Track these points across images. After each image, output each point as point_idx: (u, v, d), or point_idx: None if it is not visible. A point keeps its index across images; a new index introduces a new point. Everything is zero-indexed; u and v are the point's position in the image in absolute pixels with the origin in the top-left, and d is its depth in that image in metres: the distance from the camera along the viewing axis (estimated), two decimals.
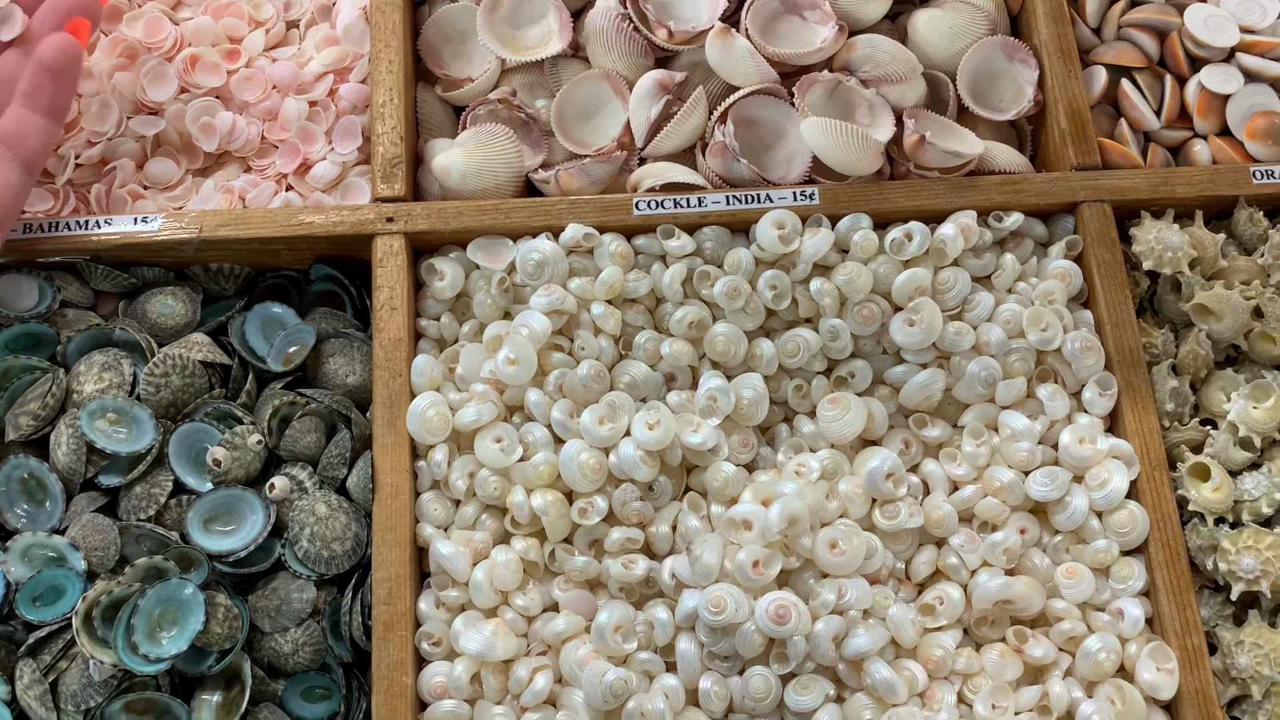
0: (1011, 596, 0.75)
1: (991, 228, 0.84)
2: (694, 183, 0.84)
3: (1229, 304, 0.81)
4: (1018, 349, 0.81)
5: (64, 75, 0.72)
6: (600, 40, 0.88)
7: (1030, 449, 0.79)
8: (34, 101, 0.72)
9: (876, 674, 0.73)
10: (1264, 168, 0.86)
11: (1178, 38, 0.91)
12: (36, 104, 0.72)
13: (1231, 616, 0.78)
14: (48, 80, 0.71)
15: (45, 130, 0.73)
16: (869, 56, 0.87)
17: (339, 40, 0.91)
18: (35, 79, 0.71)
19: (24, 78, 0.72)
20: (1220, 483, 0.78)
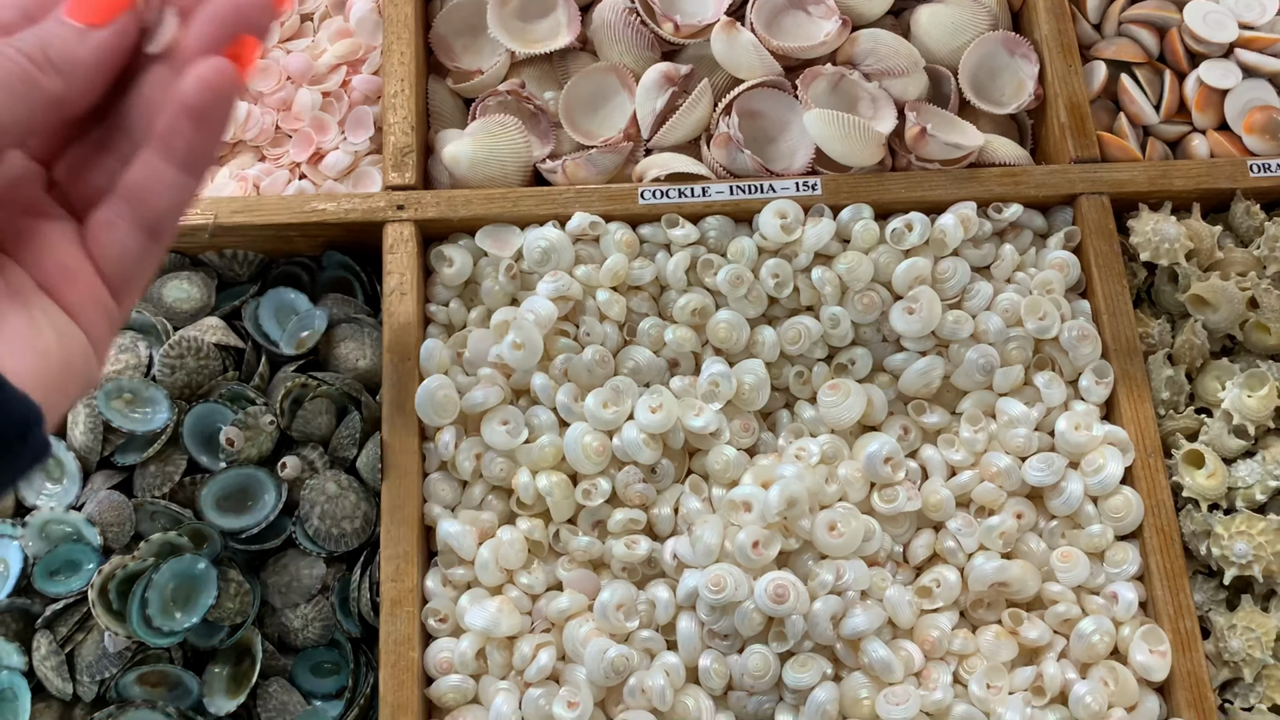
0: (1007, 579, 0.77)
1: (991, 219, 0.85)
2: (698, 173, 0.86)
3: (1225, 295, 0.83)
4: (1016, 337, 0.82)
5: (209, 119, 0.49)
6: (608, 34, 0.90)
7: (1027, 435, 0.80)
8: (168, 148, 0.50)
9: (873, 653, 0.74)
10: (1261, 161, 0.87)
11: (1177, 34, 0.92)
12: (171, 152, 0.50)
13: (1225, 601, 0.79)
14: (187, 123, 0.48)
15: (177, 187, 0.50)
16: (872, 51, 0.89)
17: (352, 33, 0.93)
18: (173, 120, 0.49)
19: (163, 114, 0.50)
20: (1214, 470, 0.79)
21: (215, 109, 0.46)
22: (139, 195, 0.48)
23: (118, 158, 0.47)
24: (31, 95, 0.43)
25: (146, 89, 0.47)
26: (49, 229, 0.47)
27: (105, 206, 0.47)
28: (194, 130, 0.46)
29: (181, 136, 0.46)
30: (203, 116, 0.46)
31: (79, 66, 0.44)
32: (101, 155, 0.48)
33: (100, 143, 0.48)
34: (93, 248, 0.47)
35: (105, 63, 0.45)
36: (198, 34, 0.46)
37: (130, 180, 0.47)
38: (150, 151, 0.47)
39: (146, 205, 0.48)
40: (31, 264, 0.46)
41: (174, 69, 0.46)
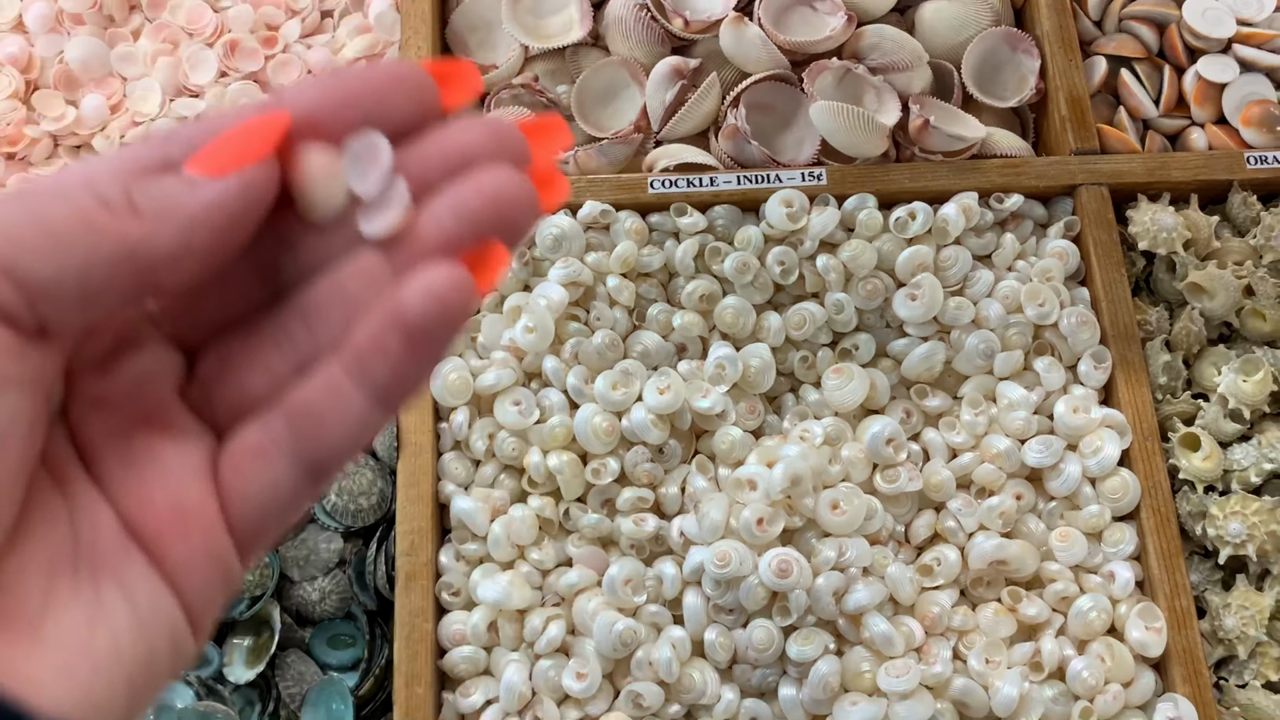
0: (1006, 557, 0.78)
1: (992, 209, 0.88)
2: (707, 163, 0.88)
3: (1221, 283, 0.84)
4: (1016, 323, 0.84)
5: (427, 344, 0.34)
6: (619, 29, 0.92)
7: (1026, 418, 0.82)
8: (363, 370, 0.35)
9: (875, 627, 0.76)
10: (1258, 153, 0.89)
11: (1176, 29, 0.94)
12: (365, 375, 0.35)
13: (1220, 581, 0.81)
14: (397, 344, 0.34)
15: (362, 421, 0.35)
16: (877, 45, 0.91)
17: (371, 29, 0.96)
18: (379, 334, 0.34)
19: (366, 322, 0.35)
20: (1210, 452, 0.81)
21: (438, 333, 0.32)
22: (310, 422, 0.33)
23: (289, 359, 0.34)
24: (91, 241, 0.30)
25: (349, 280, 0.33)
26: (169, 451, 0.33)
27: (259, 426, 0.33)
28: (404, 354, 0.32)
29: (385, 359, 0.32)
30: (420, 340, 0.32)
31: (177, 219, 0.31)
32: (267, 351, 0.34)
33: (269, 334, 0.34)
34: (228, 480, 0.34)
35: (221, 223, 0.31)
36: (437, 224, 0.33)
37: (302, 400, 0.33)
38: (338, 367, 0.33)
39: (316, 437, 0.34)
40: (131, 501, 0.33)
41: (393, 262, 0.33)
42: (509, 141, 0.33)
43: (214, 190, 0.31)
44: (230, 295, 0.34)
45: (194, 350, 0.35)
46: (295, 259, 0.34)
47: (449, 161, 0.33)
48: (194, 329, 0.34)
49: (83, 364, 0.33)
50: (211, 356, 0.34)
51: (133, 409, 0.33)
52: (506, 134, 0.33)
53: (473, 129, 0.33)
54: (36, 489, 0.31)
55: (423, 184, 0.33)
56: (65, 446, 0.32)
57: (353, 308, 0.33)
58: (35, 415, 0.30)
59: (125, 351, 0.33)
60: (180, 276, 0.31)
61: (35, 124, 0.92)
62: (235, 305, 0.34)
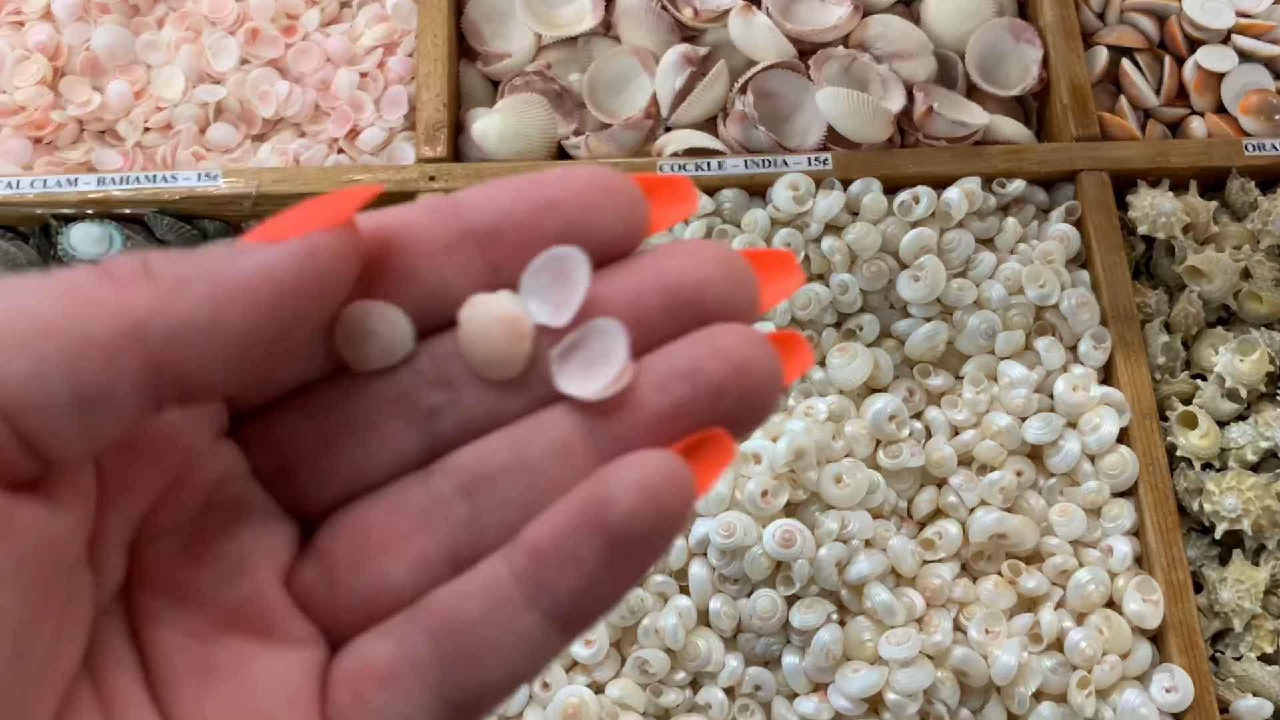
0: (1006, 531, 0.80)
1: (995, 193, 0.89)
2: (715, 148, 0.90)
3: (1220, 266, 0.86)
4: (1017, 304, 0.86)
5: (631, 557, 0.24)
6: (630, 18, 0.94)
7: (1027, 396, 0.83)
8: (541, 581, 0.24)
9: (876, 597, 0.77)
10: (1256, 141, 0.91)
11: (1176, 21, 0.96)
12: (542, 588, 0.24)
13: (1217, 557, 0.82)
14: (594, 552, 0.23)
15: (531, 648, 0.24)
16: (882, 35, 0.93)
17: (388, 18, 0.98)
18: (568, 537, 0.24)
19: (550, 516, 0.24)
20: (1207, 430, 0.82)
21: (648, 547, 0.24)
22: (463, 642, 0.24)
23: (441, 542, 0.25)
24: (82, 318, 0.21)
25: (535, 447, 0.25)
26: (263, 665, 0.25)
27: (393, 638, 0.25)
28: (599, 567, 0.23)
29: (574, 570, 0.24)
30: (624, 551, 0.23)
31: (202, 285, 0.22)
32: (412, 527, 0.25)
33: (417, 504, 0.26)
34: (343, 709, 0.25)
35: (266, 296, 0.22)
36: (665, 392, 0.24)
37: (454, 610, 0.24)
38: (506, 570, 0.24)
39: (469, 664, 0.24)
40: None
41: (595, 432, 0.25)
42: (743, 279, 0.25)
43: (259, 255, 0.22)
44: (368, 444, 0.25)
45: (314, 519, 0.26)
46: (457, 406, 0.25)
47: (671, 299, 0.25)
48: (317, 489, 0.26)
49: (156, 535, 0.25)
50: (337, 530, 0.26)
51: (220, 603, 0.24)
52: (739, 268, 0.25)
53: (700, 256, 0.25)
54: (69, 710, 0.22)
55: (638, 323, 0.25)
56: (122, 649, 0.24)
57: (536, 487, 0.24)
58: (40, 605, 0.21)
59: (218, 522, 0.25)
60: (211, 368, 0.22)
61: (62, 109, 0.95)
62: (375, 460, 0.26)
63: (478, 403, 0.25)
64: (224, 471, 0.25)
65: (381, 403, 0.25)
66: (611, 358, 0.24)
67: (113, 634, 0.24)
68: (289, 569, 0.25)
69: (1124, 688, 0.77)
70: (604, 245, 0.25)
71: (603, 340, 0.25)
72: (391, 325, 0.25)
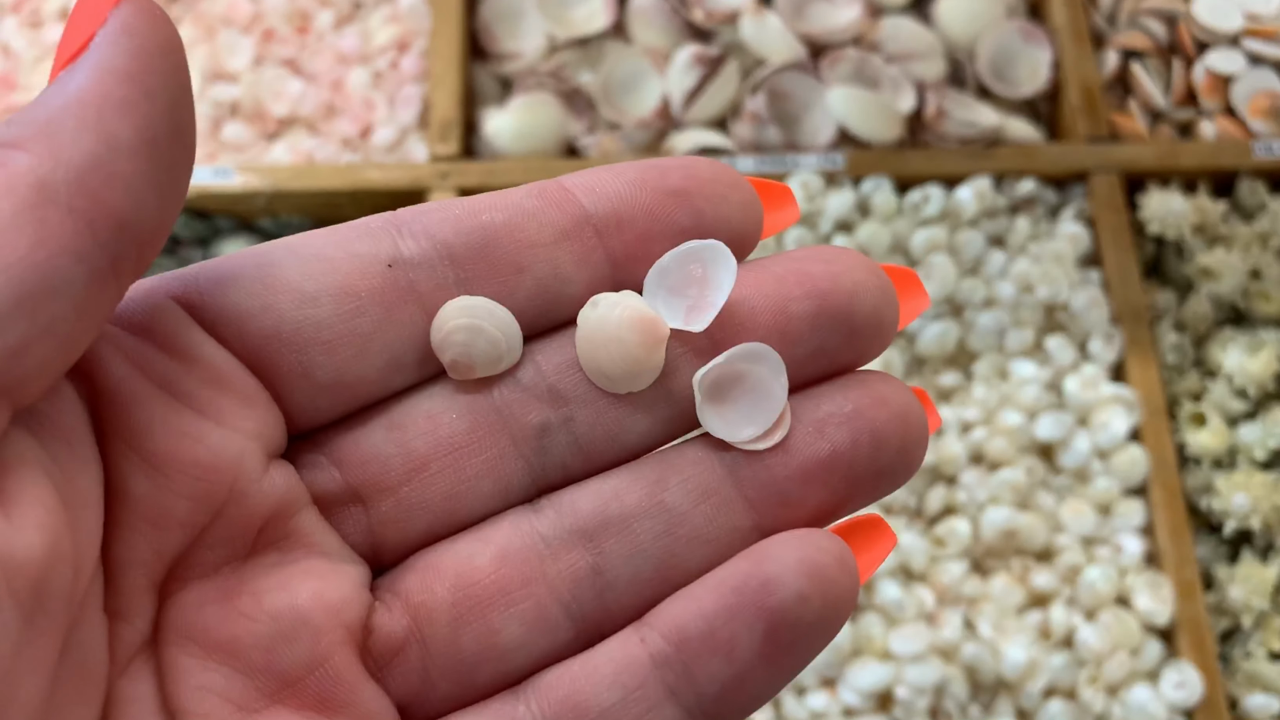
0: (1017, 528, 0.80)
1: (1006, 193, 0.90)
2: (726, 147, 0.91)
3: (1229, 266, 0.86)
4: (1028, 303, 0.86)
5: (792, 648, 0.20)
6: (642, 18, 0.95)
7: (1037, 394, 0.84)
8: (685, 669, 0.20)
9: (887, 593, 0.78)
10: (1265, 143, 0.91)
11: (1186, 24, 0.96)
12: (685, 677, 0.20)
13: (1226, 556, 0.82)
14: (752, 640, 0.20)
15: None
16: (894, 36, 0.94)
17: (402, 18, 0.99)
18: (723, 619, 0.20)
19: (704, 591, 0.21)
20: (1217, 429, 0.83)
21: (812, 634, 0.20)
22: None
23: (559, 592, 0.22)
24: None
25: (670, 487, 0.22)
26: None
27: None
28: (755, 656, 0.20)
29: (725, 660, 0.20)
30: (784, 640, 0.20)
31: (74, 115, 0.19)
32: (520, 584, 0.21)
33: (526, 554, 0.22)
34: None
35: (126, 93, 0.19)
36: (813, 443, 0.21)
37: (574, 693, 0.20)
38: (644, 652, 0.21)
39: None
40: None
41: (737, 476, 0.22)
42: (890, 293, 0.23)
43: (86, 64, 0.19)
44: (466, 469, 0.22)
45: (392, 559, 0.22)
46: (571, 425, 0.22)
47: (820, 308, 0.22)
48: (402, 522, 0.22)
49: (193, 578, 0.20)
50: (430, 573, 0.22)
51: (272, 670, 0.20)
52: (886, 282, 0.23)
53: (847, 263, 0.22)
54: None
55: (782, 334, 0.22)
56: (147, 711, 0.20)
57: (675, 535, 0.21)
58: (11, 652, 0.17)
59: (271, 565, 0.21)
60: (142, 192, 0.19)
61: None
62: (474, 489, 0.22)
63: (596, 421, 0.22)
64: (279, 502, 0.21)
65: (483, 419, 0.21)
66: (769, 397, 0.21)
67: (139, 695, 0.19)
68: (362, 623, 0.21)
69: (1134, 685, 0.77)
70: (731, 242, 0.22)
71: (757, 371, 0.21)
72: (496, 326, 0.21)
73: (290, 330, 0.21)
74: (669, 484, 0.21)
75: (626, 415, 0.22)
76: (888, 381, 0.22)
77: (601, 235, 0.22)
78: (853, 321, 0.22)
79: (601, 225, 0.22)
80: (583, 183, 0.23)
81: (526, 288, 0.22)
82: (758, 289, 0.22)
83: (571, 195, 0.22)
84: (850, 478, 0.21)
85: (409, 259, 0.22)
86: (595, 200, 0.22)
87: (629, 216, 0.22)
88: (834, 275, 0.22)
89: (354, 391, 0.22)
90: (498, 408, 0.22)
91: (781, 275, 0.22)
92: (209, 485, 0.20)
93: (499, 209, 0.22)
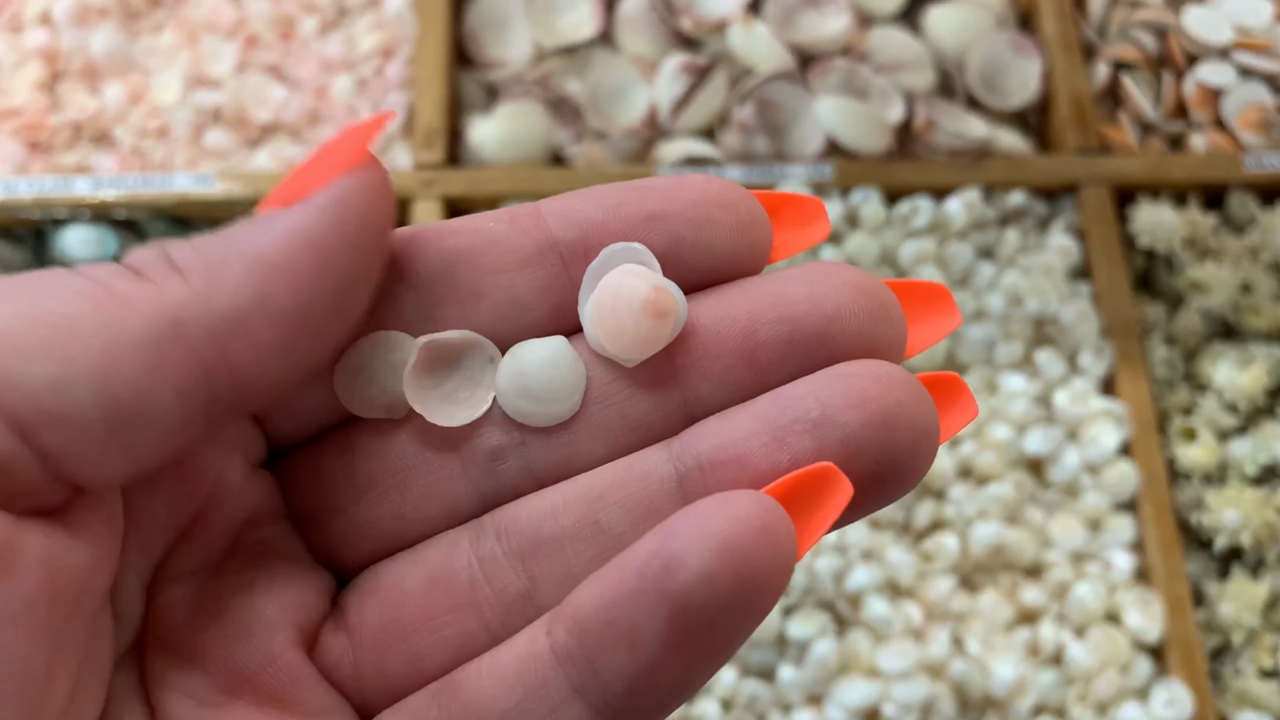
0: (1006, 543, 0.79)
1: (995, 205, 0.89)
2: (714, 157, 0.90)
3: (1220, 280, 0.86)
4: (1017, 316, 0.86)
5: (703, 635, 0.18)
6: (630, 27, 0.94)
7: (1027, 408, 0.83)
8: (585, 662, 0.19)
9: (874, 609, 0.77)
10: (1256, 156, 0.91)
11: (1176, 37, 0.96)
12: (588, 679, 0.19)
13: (1217, 573, 0.82)
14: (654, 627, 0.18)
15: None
16: (883, 47, 0.93)
17: (387, 25, 0.98)
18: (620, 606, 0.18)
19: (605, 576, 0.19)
20: (1207, 444, 0.82)
21: (726, 620, 0.18)
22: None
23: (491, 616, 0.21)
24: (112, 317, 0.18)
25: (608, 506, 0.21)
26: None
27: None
28: (660, 646, 0.18)
29: (628, 651, 0.19)
30: (692, 627, 0.18)
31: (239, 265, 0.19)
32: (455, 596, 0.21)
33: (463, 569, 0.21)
34: None
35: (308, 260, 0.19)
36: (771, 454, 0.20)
37: (478, 696, 0.20)
38: (546, 644, 0.20)
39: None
40: None
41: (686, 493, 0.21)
42: (887, 315, 0.21)
43: (288, 219, 0.19)
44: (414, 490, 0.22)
45: (351, 571, 0.22)
46: (524, 450, 0.21)
47: (793, 333, 0.20)
48: (352, 540, 0.22)
49: (171, 580, 0.21)
50: (367, 594, 0.22)
51: (230, 667, 0.21)
52: (883, 301, 0.21)
53: (832, 282, 0.21)
54: None
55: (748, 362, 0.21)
56: (136, 710, 0.20)
57: (608, 559, 0.20)
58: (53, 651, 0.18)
59: (238, 569, 0.21)
60: (267, 358, 0.19)
61: (58, 113, 0.94)
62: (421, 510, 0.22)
63: (550, 445, 0.21)
64: (254, 510, 0.22)
65: (432, 442, 0.21)
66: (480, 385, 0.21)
67: (128, 693, 0.20)
68: (314, 629, 0.21)
69: (1123, 703, 0.76)
70: (717, 268, 0.21)
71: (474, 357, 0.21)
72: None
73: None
74: (608, 502, 0.20)
75: (580, 440, 0.21)
76: (873, 372, 0.20)
77: (567, 262, 0.22)
78: (830, 348, 0.20)
79: (568, 252, 0.22)
80: (558, 207, 0.22)
81: (482, 315, 0.22)
82: (727, 313, 0.21)
83: (542, 221, 0.22)
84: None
85: None
86: (565, 226, 0.22)
87: (597, 243, 0.22)
88: (814, 297, 0.21)
89: (317, 414, 0.22)
90: (448, 432, 0.22)
91: (757, 297, 0.21)
92: (196, 488, 0.21)
93: (465, 234, 0.22)
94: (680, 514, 0.19)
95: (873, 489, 0.19)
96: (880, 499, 0.20)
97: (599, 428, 0.21)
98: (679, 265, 0.22)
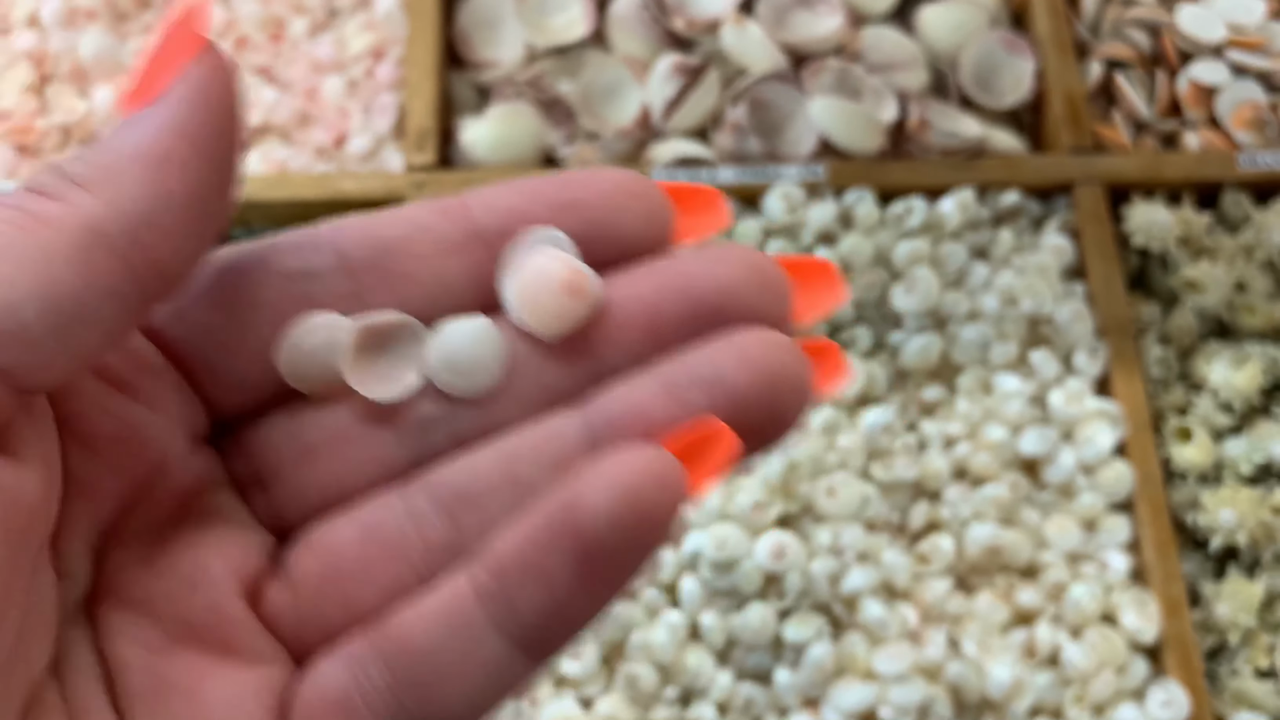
0: (1001, 544, 0.79)
1: (989, 205, 0.89)
2: (706, 157, 0.89)
3: (1214, 279, 0.86)
4: (1011, 316, 0.85)
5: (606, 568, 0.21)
6: (622, 27, 0.94)
7: (1021, 409, 0.83)
8: (504, 599, 0.21)
9: (869, 611, 0.76)
10: (1250, 154, 0.91)
11: (1170, 35, 0.96)
12: (505, 607, 0.21)
13: (1212, 573, 0.81)
14: (562, 562, 0.20)
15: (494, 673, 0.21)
16: (876, 46, 0.93)
17: (377, 26, 0.98)
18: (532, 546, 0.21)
19: (520, 522, 0.21)
20: (1202, 444, 0.82)
21: (626, 554, 0.21)
22: (416, 669, 0.22)
23: (416, 565, 0.23)
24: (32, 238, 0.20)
25: (525, 458, 0.23)
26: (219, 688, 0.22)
27: (348, 664, 0.22)
28: (569, 580, 0.21)
29: (539, 584, 0.21)
30: (597, 560, 0.21)
31: (138, 167, 0.21)
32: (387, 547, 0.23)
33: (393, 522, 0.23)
34: None
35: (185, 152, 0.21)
36: (669, 409, 0.22)
37: (408, 633, 0.22)
38: (468, 586, 0.22)
39: (424, 693, 0.22)
40: None
41: (594, 445, 0.22)
42: (776, 287, 0.23)
43: (157, 117, 0.21)
44: (349, 456, 0.24)
45: (289, 530, 0.24)
46: (453, 419, 0.24)
47: (694, 307, 0.23)
48: (293, 502, 0.24)
49: (120, 543, 0.23)
50: (306, 549, 0.24)
51: (177, 617, 0.23)
52: (772, 275, 0.23)
53: (727, 260, 0.23)
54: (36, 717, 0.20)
55: (654, 335, 0.23)
56: (87, 661, 0.22)
57: (524, 506, 0.22)
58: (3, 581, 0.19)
59: (184, 531, 0.23)
60: (181, 244, 0.21)
61: (47, 117, 0.94)
62: (356, 473, 0.24)
63: (475, 415, 0.23)
64: (198, 479, 0.24)
65: (370, 414, 0.24)
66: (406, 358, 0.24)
67: (79, 644, 0.22)
68: (256, 583, 0.23)
69: (1120, 704, 0.76)
70: (626, 252, 0.24)
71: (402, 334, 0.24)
72: None
73: (199, 334, 0.24)
74: (522, 457, 0.23)
75: (503, 408, 0.23)
76: (760, 338, 0.22)
77: (491, 250, 0.24)
78: (724, 318, 0.23)
79: (492, 239, 0.24)
80: (482, 199, 0.25)
81: (413, 297, 0.24)
82: (635, 290, 0.23)
83: (468, 210, 0.24)
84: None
85: (313, 271, 0.24)
86: (489, 214, 0.24)
87: (519, 229, 0.24)
88: (712, 274, 0.23)
89: (259, 389, 0.24)
90: (383, 405, 0.24)
91: (660, 274, 0.24)
92: (140, 459, 0.23)
93: (399, 224, 0.24)
94: (584, 464, 0.21)
95: (755, 437, 0.22)
96: (762, 446, 0.23)
97: (520, 396, 0.24)
98: (593, 248, 0.24)
